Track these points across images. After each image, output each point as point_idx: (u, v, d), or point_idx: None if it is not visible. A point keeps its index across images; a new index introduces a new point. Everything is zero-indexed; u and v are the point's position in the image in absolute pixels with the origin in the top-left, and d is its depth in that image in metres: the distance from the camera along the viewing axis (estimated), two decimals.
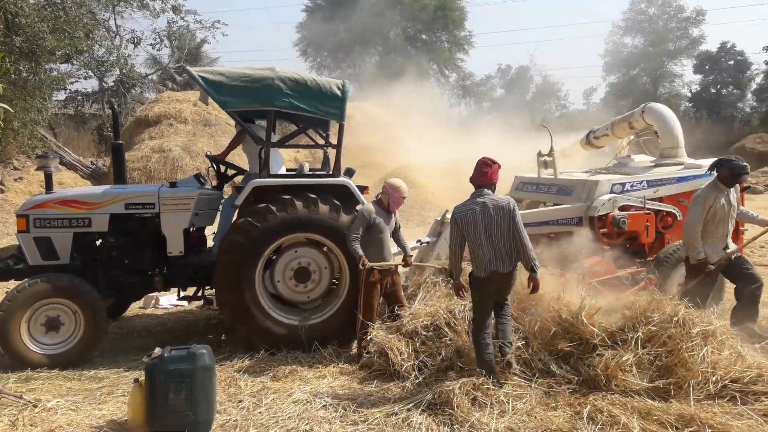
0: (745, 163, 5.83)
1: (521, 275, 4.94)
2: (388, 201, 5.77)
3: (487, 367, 4.68)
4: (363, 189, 6.24)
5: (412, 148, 19.73)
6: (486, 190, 4.81)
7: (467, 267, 5.07)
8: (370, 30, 37.47)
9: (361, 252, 5.48)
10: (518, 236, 4.69)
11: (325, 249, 6.06)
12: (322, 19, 39.82)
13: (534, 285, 4.75)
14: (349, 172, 6.48)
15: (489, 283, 4.75)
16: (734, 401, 4.30)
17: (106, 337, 6.11)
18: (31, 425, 4.26)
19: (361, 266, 5.46)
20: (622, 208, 6.86)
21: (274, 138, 6.30)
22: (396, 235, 5.98)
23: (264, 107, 5.87)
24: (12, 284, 5.97)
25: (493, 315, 4.88)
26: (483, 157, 4.93)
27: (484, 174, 4.82)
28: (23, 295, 5.51)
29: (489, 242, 4.69)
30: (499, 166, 4.86)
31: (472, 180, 4.89)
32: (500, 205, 4.72)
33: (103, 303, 5.80)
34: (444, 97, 22.79)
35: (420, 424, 4.26)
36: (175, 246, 6.03)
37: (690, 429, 3.91)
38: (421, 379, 4.94)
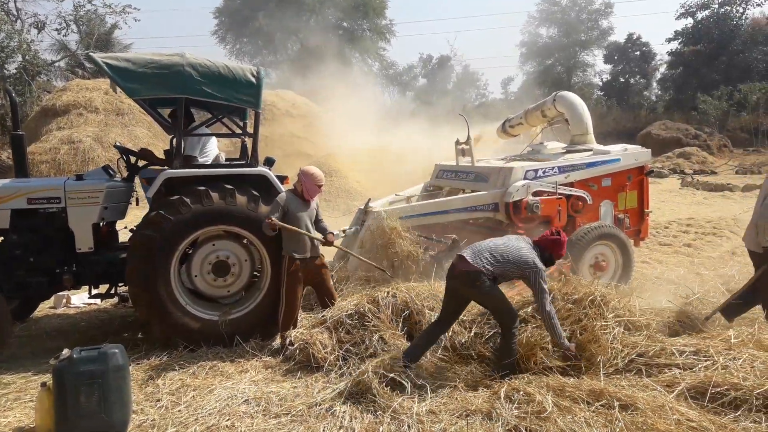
0: None
1: None
2: (302, 189, 5.68)
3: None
4: (283, 179, 6.15)
5: (337, 137, 19.64)
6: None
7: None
8: (291, 16, 36.87)
9: (274, 216, 5.36)
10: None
11: (245, 241, 5.93)
12: (240, 4, 38.86)
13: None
14: (269, 162, 6.37)
15: (450, 275, 4.92)
16: (640, 374, 4.56)
17: (12, 341, 5.76)
18: None
19: (265, 224, 5.35)
20: (536, 194, 7.11)
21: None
22: (316, 223, 5.86)
23: (174, 95, 5.63)
24: None
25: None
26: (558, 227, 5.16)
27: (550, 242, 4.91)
28: None
29: None
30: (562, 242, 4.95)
31: None
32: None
33: (6, 305, 5.46)
34: (368, 85, 22.77)
35: (344, 413, 4.28)
36: (84, 242, 5.74)
37: (600, 402, 4.11)
38: (344, 369, 4.96)
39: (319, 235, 5.69)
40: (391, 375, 4.56)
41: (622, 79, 45.84)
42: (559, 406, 4.12)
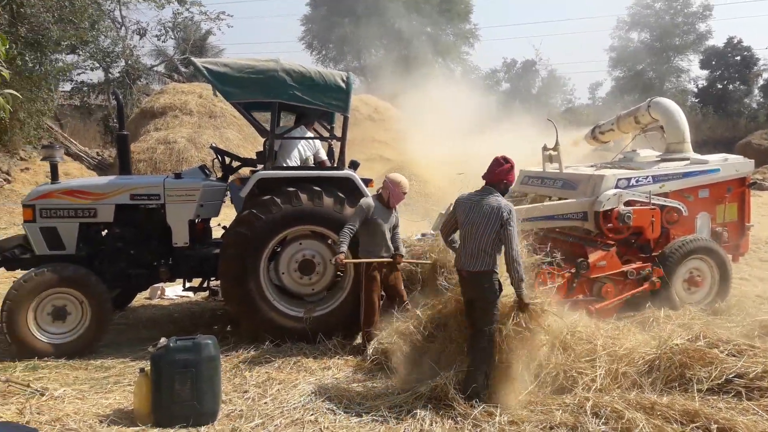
0: None
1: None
2: (389, 196, 5.74)
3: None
4: (367, 182, 6.25)
5: (417, 141, 19.70)
6: (491, 189, 4.62)
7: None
8: (375, 23, 37.34)
9: (344, 248, 5.39)
10: (507, 247, 4.44)
11: (329, 241, 6.07)
12: (326, 12, 39.72)
13: (520, 306, 4.45)
14: (354, 165, 6.49)
15: (461, 278, 4.70)
16: (739, 397, 4.29)
17: (112, 328, 6.14)
18: (38, 413, 4.30)
19: (332, 261, 5.49)
20: (628, 203, 6.84)
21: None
22: (393, 232, 5.85)
23: (268, 99, 5.88)
24: (19, 274, 5.99)
25: None
26: (498, 156, 4.75)
27: (490, 172, 4.68)
28: (30, 284, 5.54)
29: (465, 238, 4.59)
30: (511, 165, 4.66)
31: (483, 176, 4.75)
32: (490, 208, 4.48)
33: (108, 293, 5.83)
34: (449, 90, 22.70)
35: (424, 416, 4.29)
36: (181, 237, 6.04)
37: (696, 424, 3.91)
38: (423, 373, 4.94)
39: (388, 259, 5.69)
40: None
41: (719, 86, 43.31)
42: (650, 424, 3.95)
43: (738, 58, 42.85)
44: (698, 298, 6.95)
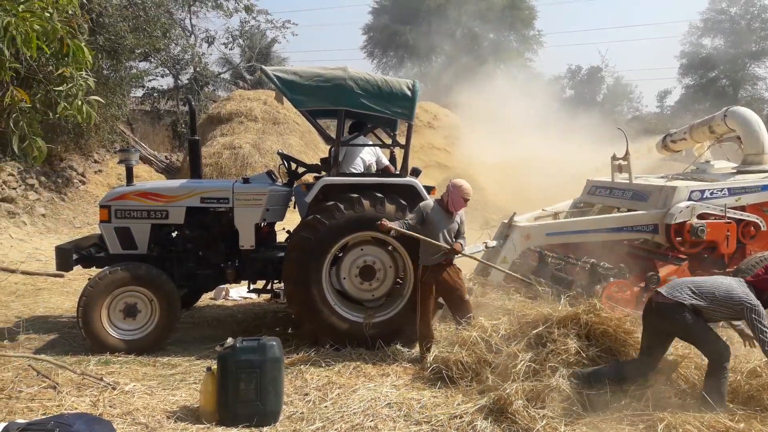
0: None
1: None
2: (449, 200, 5.68)
3: None
4: (430, 189, 6.24)
5: (477, 149, 19.55)
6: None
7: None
8: (436, 30, 37.33)
9: (391, 224, 5.42)
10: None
11: (390, 248, 6.09)
12: (388, 20, 40.00)
13: None
14: (416, 172, 6.48)
15: None
16: None
17: (179, 326, 6.33)
18: (110, 406, 4.48)
19: (379, 223, 5.40)
20: (701, 216, 6.57)
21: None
22: (457, 239, 5.77)
23: (335, 107, 5.96)
24: (94, 271, 6.27)
25: None
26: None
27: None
28: (104, 282, 5.78)
29: None
30: None
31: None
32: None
33: (177, 293, 6.02)
34: (512, 97, 22.45)
35: (484, 429, 4.23)
36: (247, 240, 6.18)
37: None
38: (484, 385, 4.88)
39: (443, 244, 5.58)
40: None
41: None
42: None
43: None
44: None
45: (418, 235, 5.54)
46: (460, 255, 5.79)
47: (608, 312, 5.01)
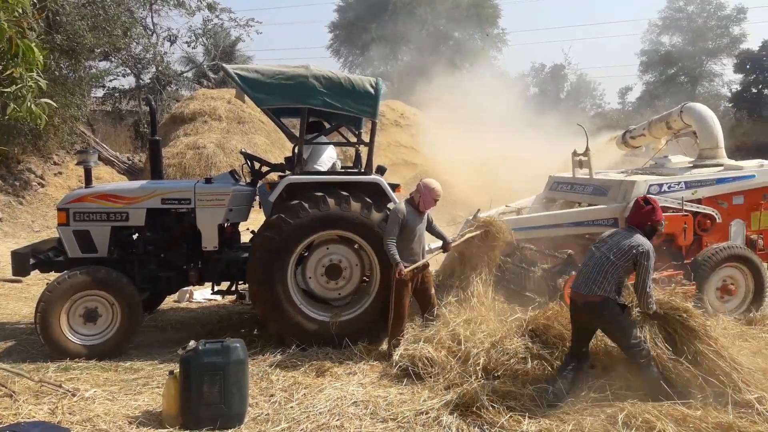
0: None
1: None
2: (420, 200, 5.75)
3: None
4: (395, 187, 6.25)
5: (443, 146, 19.64)
6: (634, 228, 4.62)
7: None
8: (402, 28, 37.41)
9: (398, 258, 5.48)
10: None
11: (356, 246, 6.09)
12: (353, 18, 39.94)
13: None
14: (381, 170, 6.49)
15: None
16: None
17: (141, 330, 6.22)
18: (70, 413, 4.37)
19: (397, 275, 5.45)
20: None
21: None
22: (431, 227, 6.00)
23: (298, 105, 5.91)
24: (53, 276, 6.11)
25: None
26: (639, 197, 4.80)
27: (633, 215, 4.72)
28: (63, 286, 5.64)
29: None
30: (653, 207, 4.63)
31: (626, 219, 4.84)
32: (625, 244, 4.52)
33: (139, 296, 5.91)
34: (477, 95, 22.65)
35: (450, 424, 4.27)
36: (210, 241, 6.11)
37: None
38: (450, 380, 4.92)
39: (427, 261, 5.85)
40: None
41: (754, 90, 42.35)
42: None
43: None
44: (732, 307, 6.81)
45: (425, 261, 5.76)
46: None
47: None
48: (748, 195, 7.16)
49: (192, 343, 4.38)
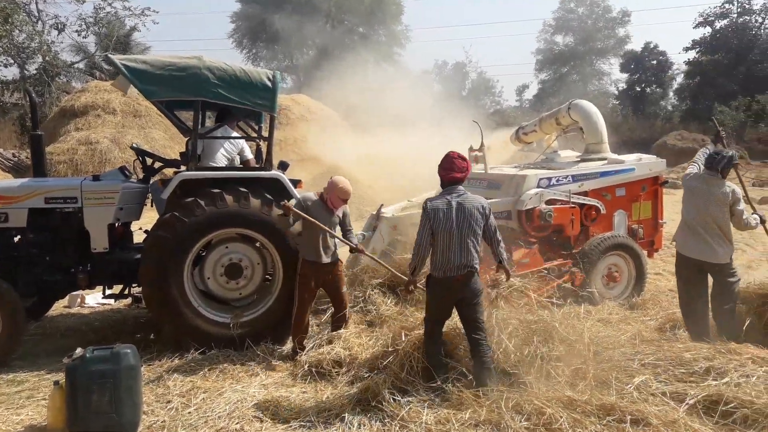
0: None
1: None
2: (328, 198, 5.58)
3: (435, 368, 4.62)
4: (296, 183, 6.17)
5: (350, 141, 19.69)
6: (460, 187, 4.60)
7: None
8: (307, 21, 37.10)
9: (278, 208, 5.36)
10: (492, 236, 4.62)
11: (257, 244, 5.97)
12: (257, 9, 39.15)
13: (506, 272, 4.77)
14: (283, 166, 6.41)
15: (448, 285, 4.55)
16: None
17: (27, 339, 5.83)
18: None
19: (283, 203, 5.33)
20: (549, 202, 7.08)
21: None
22: (345, 235, 5.73)
23: (191, 97, 5.69)
24: None
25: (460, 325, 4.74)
26: (453, 152, 4.68)
27: (460, 169, 4.60)
28: None
29: (459, 243, 4.46)
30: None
31: (443, 174, 4.62)
32: (476, 206, 4.52)
33: (21, 303, 5.51)
34: (381, 91, 22.88)
35: (352, 420, 4.28)
36: (100, 242, 5.79)
37: (612, 417, 4.05)
38: (353, 375, 4.96)
39: (338, 234, 5.61)
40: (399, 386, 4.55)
41: (638, 88, 45.55)
42: (569, 419, 4.08)
43: (654, 62, 45.16)
44: (616, 293, 7.28)
45: (315, 222, 5.39)
46: (360, 253, 5.80)
47: None
48: (629, 187, 7.67)
49: (79, 351, 4.15)
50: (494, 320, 4.92)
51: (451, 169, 4.62)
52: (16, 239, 5.88)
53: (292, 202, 5.42)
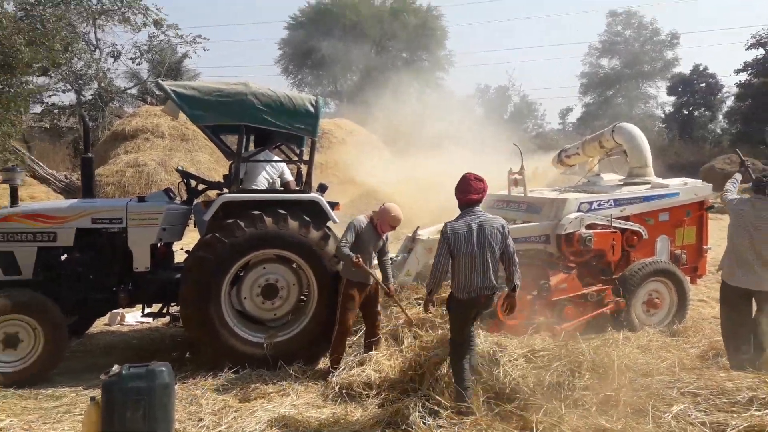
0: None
1: None
2: (377, 222, 5.72)
3: (464, 390, 4.55)
4: (334, 205, 6.23)
5: (391, 164, 19.80)
6: (478, 208, 4.60)
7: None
8: (352, 48, 37.74)
9: (350, 253, 5.44)
10: (510, 258, 4.58)
11: (294, 265, 6.02)
12: (304, 36, 40.05)
13: (510, 305, 4.63)
14: (322, 188, 6.48)
15: (472, 305, 4.57)
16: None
17: (69, 355, 5.98)
18: None
19: (355, 259, 5.40)
20: (590, 227, 6.93)
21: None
22: (382, 258, 5.89)
23: (236, 122, 5.85)
24: None
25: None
26: (469, 173, 4.68)
27: (476, 191, 4.60)
28: None
29: (482, 265, 4.48)
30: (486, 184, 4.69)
31: (460, 197, 4.64)
32: (496, 227, 4.54)
33: (64, 319, 5.67)
34: (424, 115, 23.05)
35: None
36: (142, 262, 5.94)
37: None
38: (383, 397, 4.92)
39: (379, 277, 5.76)
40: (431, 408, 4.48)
41: (686, 112, 44.51)
42: None
43: (703, 84, 44.09)
44: (657, 320, 7.06)
45: (371, 272, 5.63)
46: (389, 297, 5.86)
47: None
48: (673, 212, 7.45)
49: (116, 368, 4.22)
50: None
51: (468, 191, 4.62)
52: (62, 258, 6.08)
53: (349, 236, 5.56)
